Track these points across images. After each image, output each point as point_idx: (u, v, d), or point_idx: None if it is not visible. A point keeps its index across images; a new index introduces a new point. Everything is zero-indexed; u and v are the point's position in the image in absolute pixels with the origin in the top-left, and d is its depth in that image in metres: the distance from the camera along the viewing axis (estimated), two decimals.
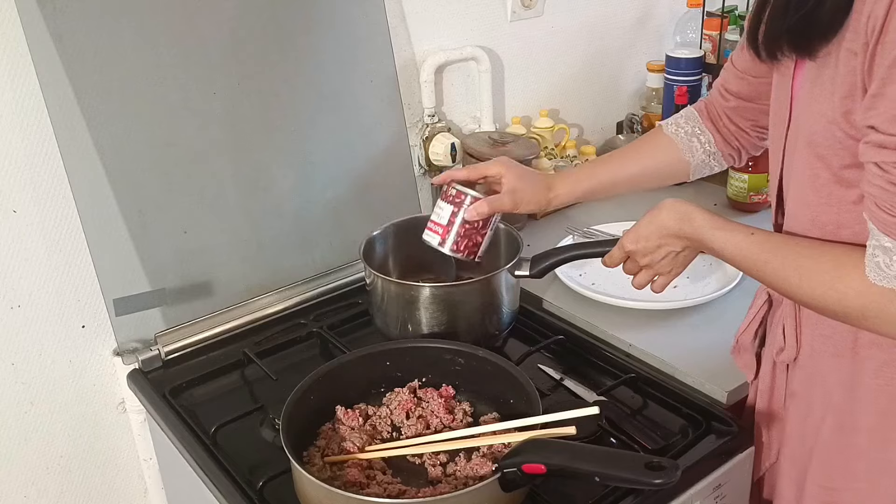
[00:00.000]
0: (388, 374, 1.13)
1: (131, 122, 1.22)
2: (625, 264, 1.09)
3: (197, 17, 1.25)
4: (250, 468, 1.04)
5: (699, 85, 1.81)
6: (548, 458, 0.89)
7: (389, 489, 0.96)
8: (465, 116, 1.69)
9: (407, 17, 1.53)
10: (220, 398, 1.21)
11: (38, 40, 1.13)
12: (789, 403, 1.03)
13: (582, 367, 1.23)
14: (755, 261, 0.92)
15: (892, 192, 0.75)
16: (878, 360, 0.90)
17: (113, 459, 1.39)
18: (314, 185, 1.42)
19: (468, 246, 1.17)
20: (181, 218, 1.29)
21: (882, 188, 0.76)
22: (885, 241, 0.77)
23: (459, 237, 1.16)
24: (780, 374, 1.03)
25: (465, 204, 1.15)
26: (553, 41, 1.76)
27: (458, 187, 1.16)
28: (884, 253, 0.77)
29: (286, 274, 1.40)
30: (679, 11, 1.91)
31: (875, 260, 0.78)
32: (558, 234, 1.54)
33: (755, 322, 1.08)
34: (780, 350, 1.00)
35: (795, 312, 0.97)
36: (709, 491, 1.02)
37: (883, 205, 0.76)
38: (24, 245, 1.22)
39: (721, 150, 1.16)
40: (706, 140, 1.15)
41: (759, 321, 1.07)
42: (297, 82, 1.37)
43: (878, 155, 0.75)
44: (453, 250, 1.16)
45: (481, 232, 1.17)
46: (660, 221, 1.01)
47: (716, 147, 1.16)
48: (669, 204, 1.01)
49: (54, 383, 1.30)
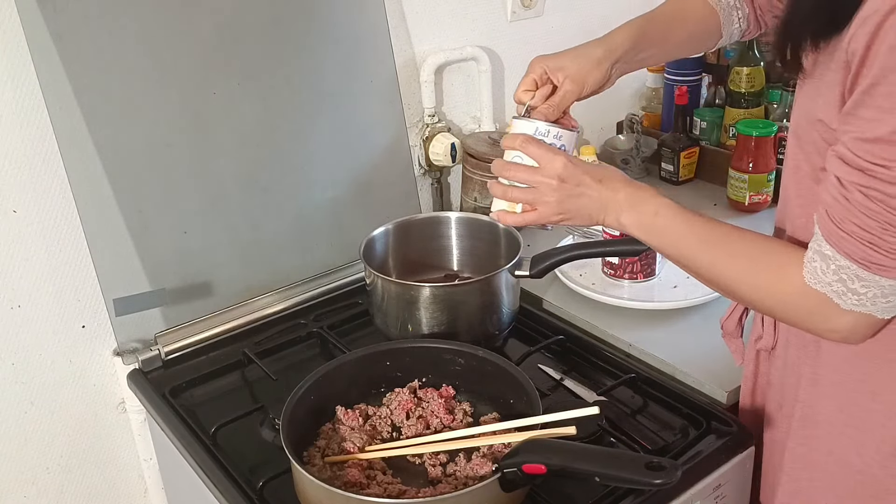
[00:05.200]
0: (388, 374, 1.13)
1: (131, 122, 1.22)
2: (521, 171, 0.97)
3: (197, 17, 1.25)
4: (250, 468, 1.04)
5: (699, 85, 1.82)
6: (548, 458, 0.89)
7: (389, 489, 0.96)
8: (465, 116, 1.69)
9: (407, 17, 1.54)
10: (220, 398, 1.21)
11: (38, 40, 1.13)
12: (767, 391, 1.05)
13: (582, 367, 1.23)
14: (700, 242, 0.90)
15: (843, 205, 0.77)
16: (838, 356, 0.91)
17: (113, 459, 1.39)
18: (314, 185, 1.42)
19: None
20: (181, 218, 1.29)
21: (836, 200, 0.78)
22: (826, 249, 0.79)
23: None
24: (763, 362, 1.05)
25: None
26: (553, 41, 1.76)
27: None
28: (822, 259, 0.80)
29: (286, 274, 1.40)
30: None
31: (813, 265, 0.81)
32: (558, 234, 1.54)
33: (739, 308, 1.08)
34: (759, 338, 1.02)
35: None
36: (709, 491, 1.02)
37: (833, 215, 0.78)
38: (24, 245, 1.22)
39: (750, 24, 1.11)
40: (742, 15, 1.10)
41: (742, 307, 1.08)
42: (297, 82, 1.37)
43: (840, 169, 0.77)
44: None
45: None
46: (609, 171, 0.97)
47: (746, 22, 1.10)
48: (618, 170, 0.98)
49: (54, 383, 1.30)
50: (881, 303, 0.79)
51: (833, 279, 0.79)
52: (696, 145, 1.77)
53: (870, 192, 0.75)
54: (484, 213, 1.50)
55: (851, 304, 0.79)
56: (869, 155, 0.74)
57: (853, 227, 0.76)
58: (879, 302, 0.79)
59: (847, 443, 0.93)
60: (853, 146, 0.76)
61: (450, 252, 1.42)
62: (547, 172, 0.95)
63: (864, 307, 0.79)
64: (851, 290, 0.78)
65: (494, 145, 1.55)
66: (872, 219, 0.75)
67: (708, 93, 1.85)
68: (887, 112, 0.72)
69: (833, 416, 0.93)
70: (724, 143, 1.77)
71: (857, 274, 0.77)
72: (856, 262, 0.77)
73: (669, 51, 1.17)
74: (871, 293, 0.78)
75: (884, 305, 0.79)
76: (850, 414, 0.92)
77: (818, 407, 0.95)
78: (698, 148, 1.77)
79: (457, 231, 1.40)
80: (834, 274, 0.79)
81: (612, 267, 1.41)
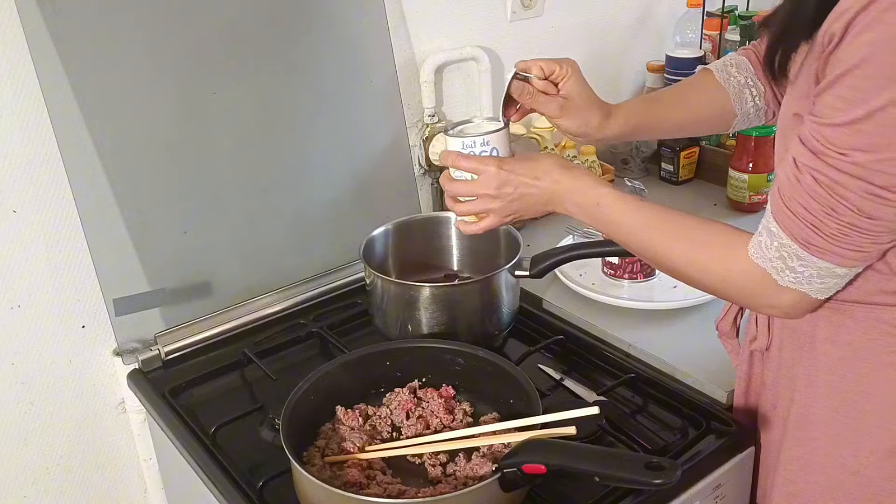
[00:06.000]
0: (388, 374, 1.13)
1: (131, 122, 1.22)
2: (460, 186, 1.02)
3: (197, 17, 1.25)
4: (250, 468, 1.04)
5: None
6: (548, 458, 0.89)
7: (389, 489, 0.96)
8: (465, 116, 1.68)
9: (407, 17, 1.53)
10: (220, 398, 1.21)
11: (38, 40, 1.13)
12: (761, 392, 1.05)
13: (582, 367, 1.23)
14: (644, 225, 0.92)
15: (794, 186, 0.79)
16: (832, 356, 0.91)
17: (113, 459, 1.39)
18: (314, 185, 1.42)
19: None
20: (181, 218, 1.29)
21: (788, 179, 0.80)
22: (772, 225, 0.81)
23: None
24: (757, 363, 1.04)
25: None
26: (553, 41, 1.76)
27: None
28: (768, 235, 0.82)
29: (286, 274, 1.40)
30: (679, 11, 1.90)
31: (759, 239, 0.83)
32: (558, 234, 1.54)
33: (733, 309, 1.08)
34: (754, 338, 1.02)
35: None
36: (709, 491, 1.02)
37: (783, 194, 0.80)
38: (24, 245, 1.22)
39: (769, 103, 1.10)
40: (757, 93, 1.10)
41: (737, 308, 1.08)
42: (296, 82, 1.37)
43: (797, 149, 0.79)
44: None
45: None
46: (543, 164, 1.00)
47: (764, 101, 1.10)
48: (557, 158, 1.01)
49: (54, 383, 1.30)
50: (816, 283, 0.81)
51: (774, 255, 0.81)
52: (695, 145, 1.77)
53: (819, 175, 0.77)
54: None
55: (788, 281, 0.81)
56: (825, 140, 0.76)
57: (799, 208, 0.79)
58: (815, 282, 0.81)
59: (842, 444, 0.92)
60: (812, 129, 0.77)
61: (450, 252, 1.42)
62: (483, 184, 1.00)
63: (801, 286, 0.82)
64: (790, 267, 0.81)
65: None
66: (818, 202, 0.77)
67: None
68: (849, 102, 0.74)
69: (828, 417, 0.93)
70: (724, 143, 1.77)
71: (797, 253, 0.80)
72: (797, 242, 0.79)
73: (673, 132, 1.20)
74: (808, 273, 0.80)
75: (819, 286, 0.81)
76: (845, 415, 0.92)
77: (813, 408, 0.94)
78: (698, 148, 1.77)
79: (457, 231, 1.40)
80: (776, 251, 0.81)
81: (611, 267, 1.41)
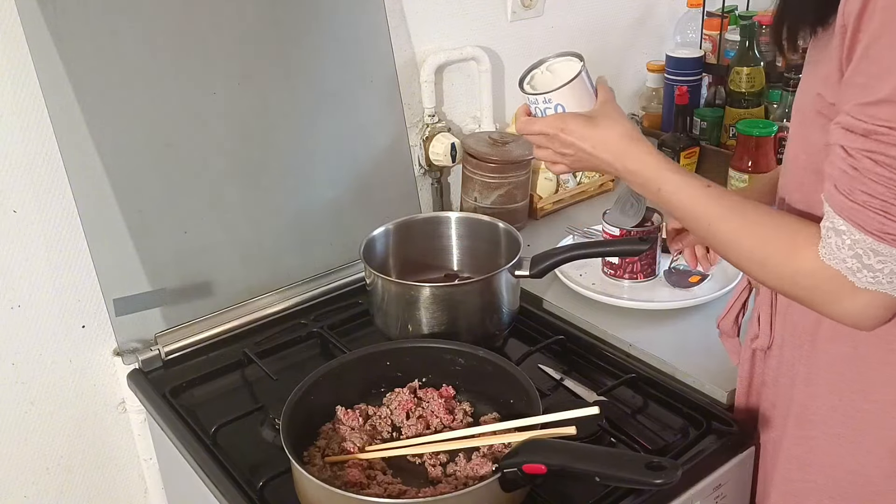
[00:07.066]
0: (388, 374, 1.13)
1: (131, 122, 1.22)
2: (531, 137, 1.04)
3: (197, 17, 1.25)
4: (250, 468, 1.04)
5: (699, 85, 1.81)
6: (548, 458, 0.89)
7: (389, 489, 0.96)
8: (465, 116, 1.69)
9: (407, 17, 1.54)
10: (220, 398, 1.21)
11: (38, 40, 1.13)
12: (762, 391, 1.05)
13: (582, 367, 1.23)
14: (707, 216, 0.89)
15: (852, 175, 0.75)
16: (832, 354, 0.91)
17: (113, 459, 1.39)
18: (314, 185, 1.42)
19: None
20: (181, 218, 1.29)
21: (844, 171, 0.76)
22: (840, 224, 0.77)
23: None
24: (759, 362, 1.04)
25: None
26: (553, 41, 1.76)
27: None
28: (836, 235, 0.77)
29: (286, 274, 1.40)
30: (679, 11, 1.91)
31: (829, 241, 0.78)
32: (558, 234, 1.54)
33: (735, 308, 1.08)
34: (755, 337, 1.01)
35: (772, 300, 0.98)
36: (709, 491, 1.02)
37: (842, 188, 0.76)
38: (24, 245, 1.22)
39: None
40: None
41: (738, 307, 1.08)
42: (296, 82, 1.37)
43: (845, 138, 0.75)
44: None
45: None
46: (600, 134, 0.97)
47: None
48: (626, 128, 0.97)
49: (54, 383, 1.30)
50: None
51: (848, 255, 0.76)
52: (696, 145, 1.77)
53: (877, 156, 0.73)
54: (484, 213, 1.51)
55: (867, 281, 0.76)
56: (872, 118, 0.72)
57: (863, 197, 0.74)
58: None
59: (841, 443, 0.92)
60: (856, 112, 0.74)
61: (450, 252, 1.42)
62: (546, 142, 1.02)
63: (880, 285, 0.76)
64: (867, 265, 0.75)
65: (494, 145, 1.56)
66: (882, 185, 0.73)
67: (708, 93, 1.85)
68: (886, 70, 0.71)
69: (827, 416, 0.93)
70: (725, 143, 1.77)
71: (873, 248, 0.74)
72: (870, 234, 0.74)
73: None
74: (888, 269, 0.75)
75: None
76: (844, 414, 0.91)
77: (813, 407, 0.94)
78: (698, 148, 1.77)
79: (457, 231, 1.40)
80: (849, 249, 0.76)
81: (612, 267, 1.41)
